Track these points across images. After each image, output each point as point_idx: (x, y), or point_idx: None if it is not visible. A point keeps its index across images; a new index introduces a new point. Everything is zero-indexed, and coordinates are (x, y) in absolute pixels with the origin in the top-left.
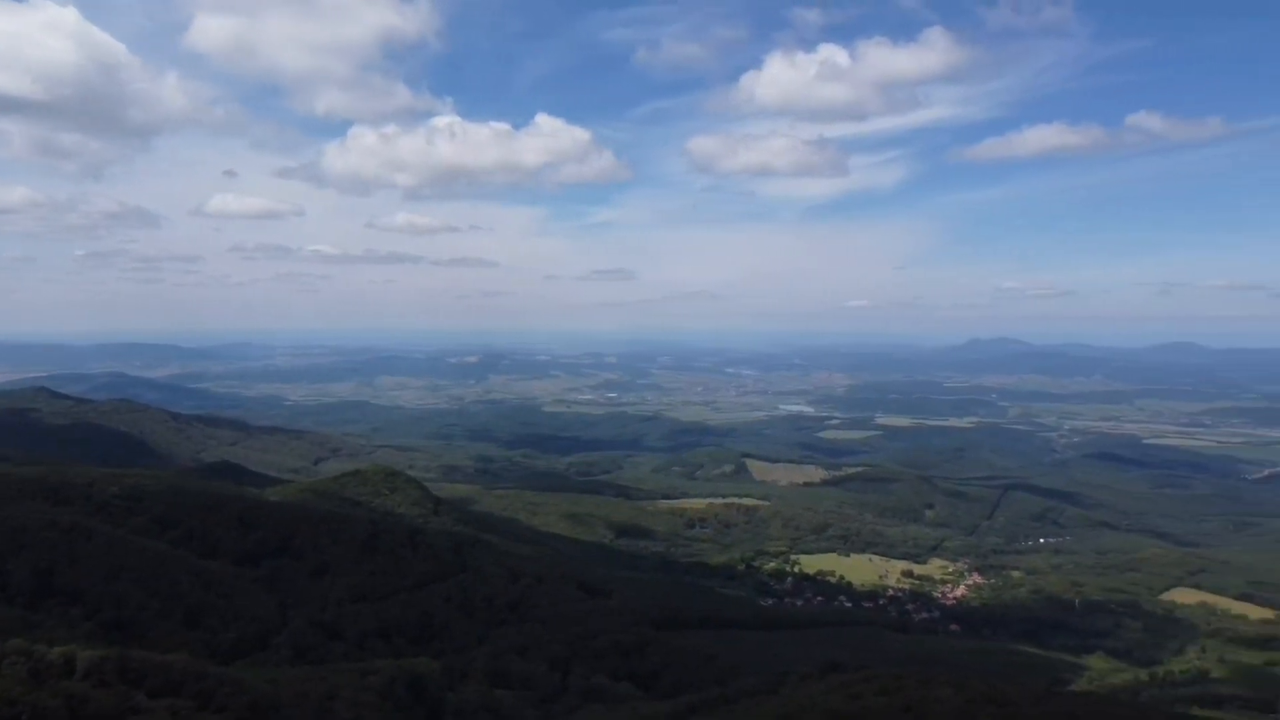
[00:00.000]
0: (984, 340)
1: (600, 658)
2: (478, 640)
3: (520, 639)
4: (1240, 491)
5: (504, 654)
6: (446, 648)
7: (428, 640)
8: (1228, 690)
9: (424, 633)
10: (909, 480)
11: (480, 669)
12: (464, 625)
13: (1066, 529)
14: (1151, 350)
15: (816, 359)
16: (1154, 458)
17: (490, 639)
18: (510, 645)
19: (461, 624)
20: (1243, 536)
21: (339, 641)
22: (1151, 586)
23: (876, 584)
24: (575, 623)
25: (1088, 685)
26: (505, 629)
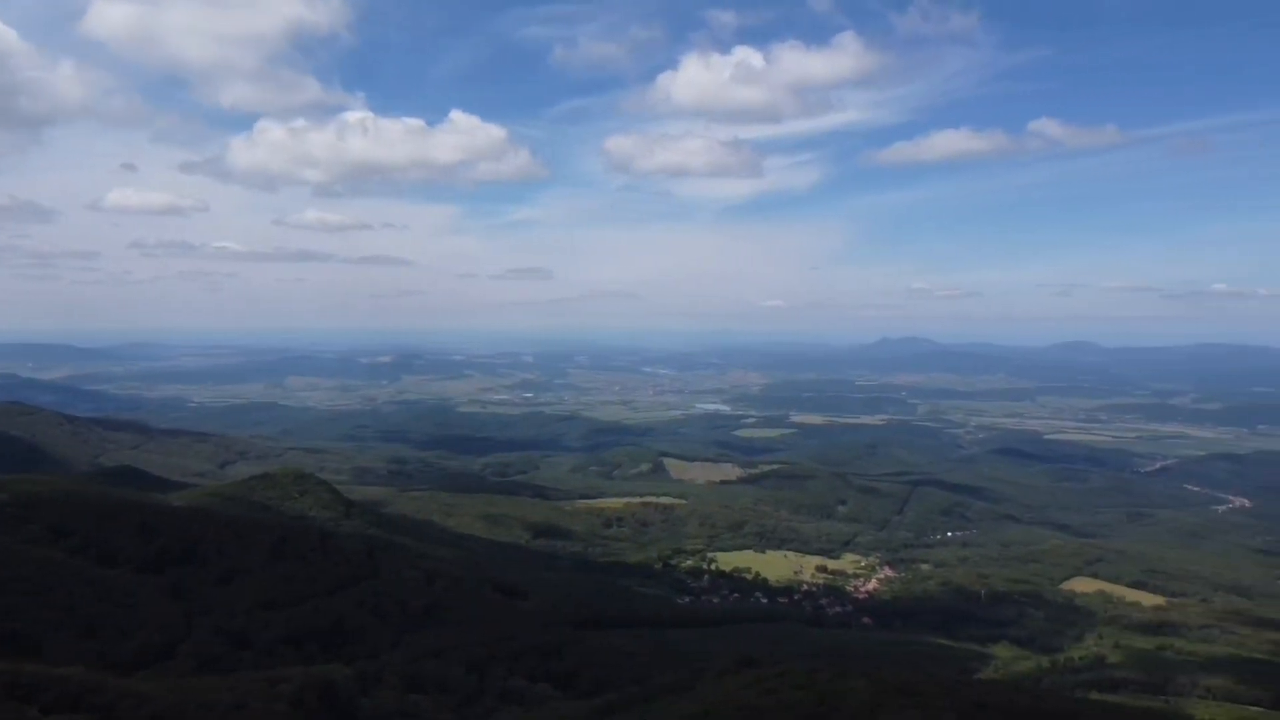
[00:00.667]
0: (894, 339)
1: (518, 659)
2: (392, 645)
3: (436, 642)
4: (1134, 484)
5: (420, 658)
6: (360, 653)
7: (340, 646)
8: (1123, 674)
9: (336, 639)
10: (823, 477)
11: (395, 674)
12: (378, 630)
13: (973, 522)
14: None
15: (733, 358)
16: (1054, 452)
17: (405, 643)
18: (426, 649)
19: (376, 629)
20: (1136, 527)
21: (247, 650)
22: (1052, 576)
23: (791, 580)
24: (492, 625)
25: (994, 674)
26: (421, 632)
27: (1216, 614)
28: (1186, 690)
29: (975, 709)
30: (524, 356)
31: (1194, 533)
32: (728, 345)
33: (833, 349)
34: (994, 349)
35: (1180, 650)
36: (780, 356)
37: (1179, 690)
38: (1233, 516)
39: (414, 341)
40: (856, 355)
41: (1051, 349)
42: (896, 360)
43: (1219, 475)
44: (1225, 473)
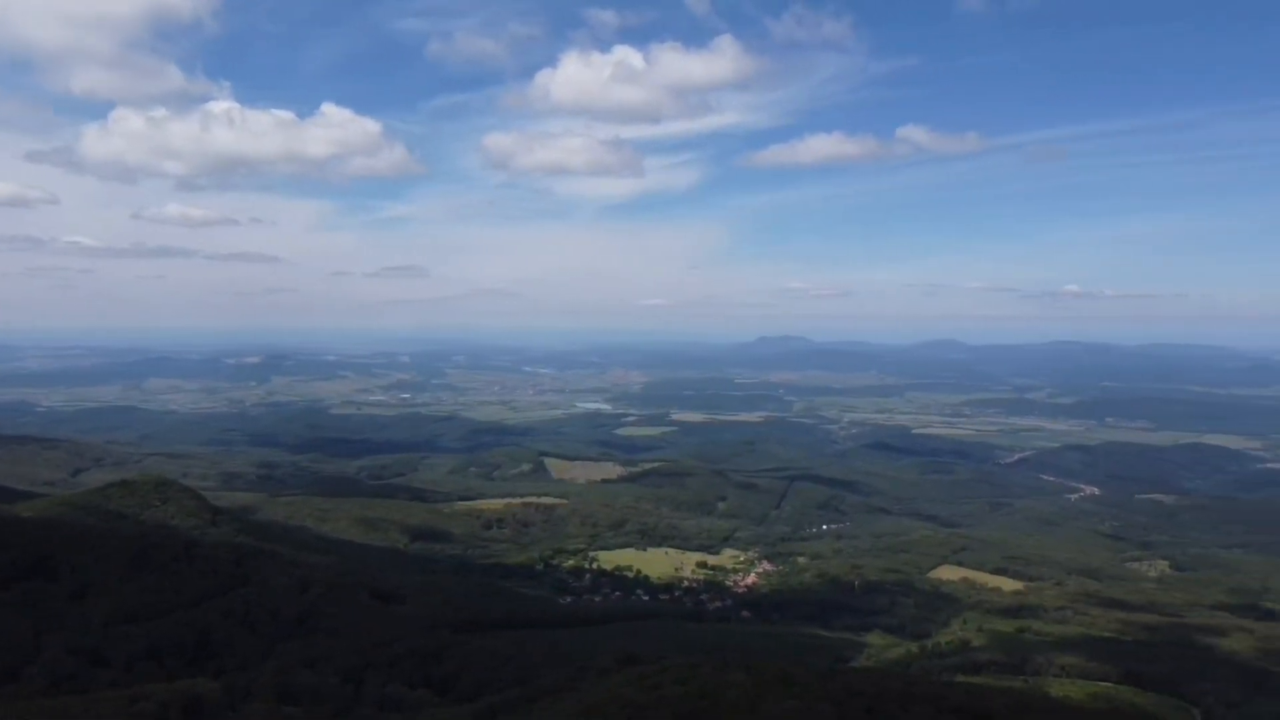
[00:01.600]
0: (772, 338)
1: (395, 665)
2: (263, 656)
3: (309, 651)
4: (995, 475)
5: (292, 668)
6: (229, 666)
7: (207, 660)
8: (986, 657)
9: (202, 652)
10: (703, 474)
11: (266, 686)
12: (247, 641)
13: (847, 515)
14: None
15: (613, 357)
16: (923, 446)
17: (277, 653)
18: (299, 658)
19: (245, 640)
20: (997, 516)
21: (104, 668)
22: (921, 566)
23: (672, 576)
24: (369, 631)
25: (867, 661)
26: (293, 642)
27: (1070, 596)
28: (1044, 669)
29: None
30: (400, 356)
31: (1049, 520)
32: (609, 344)
33: (712, 347)
34: (866, 347)
35: (1038, 632)
36: (661, 355)
37: (1037, 669)
38: (1084, 504)
39: (284, 342)
40: (736, 354)
41: (919, 346)
42: (774, 358)
43: (1071, 465)
44: (1077, 463)
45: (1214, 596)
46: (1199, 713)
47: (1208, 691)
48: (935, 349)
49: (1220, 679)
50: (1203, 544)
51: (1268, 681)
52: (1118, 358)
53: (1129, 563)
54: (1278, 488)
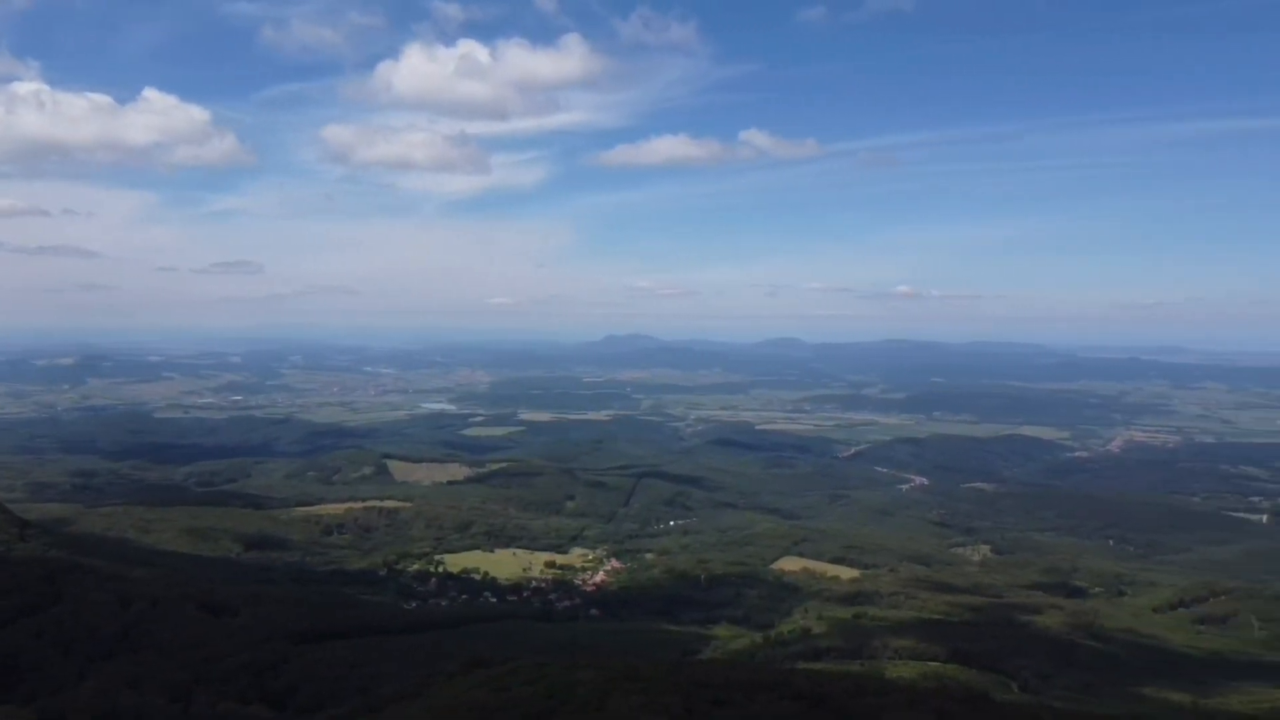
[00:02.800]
0: (619, 336)
1: (228, 681)
2: (80, 677)
3: (133, 670)
4: (833, 468)
5: (113, 689)
6: (41, 690)
7: (15, 685)
8: (826, 644)
9: (9, 678)
10: (551, 473)
11: (84, 708)
12: (62, 663)
13: (694, 511)
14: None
15: (459, 356)
16: (766, 442)
17: (96, 674)
18: (120, 678)
19: (59, 662)
20: (836, 507)
21: None
22: (765, 558)
23: (521, 577)
24: (198, 646)
25: (714, 653)
26: (115, 661)
27: (902, 582)
28: (879, 652)
29: (696, 688)
30: (231, 357)
31: (883, 510)
32: (454, 343)
33: (560, 346)
34: (711, 345)
35: (874, 617)
36: (508, 354)
37: (873, 653)
38: (914, 494)
39: (102, 342)
40: (584, 352)
41: (762, 345)
42: (622, 357)
43: (903, 458)
44: (908, 455)
45: (1030, 577)
46: (1016, 685)
47: (1024, 666)
48: (777, 347)
49: (1035, 654)
50: (1020, 528)
51: (1075, 654)
52: (944, 355)
53: (955, 548)
54: (1084, 475)
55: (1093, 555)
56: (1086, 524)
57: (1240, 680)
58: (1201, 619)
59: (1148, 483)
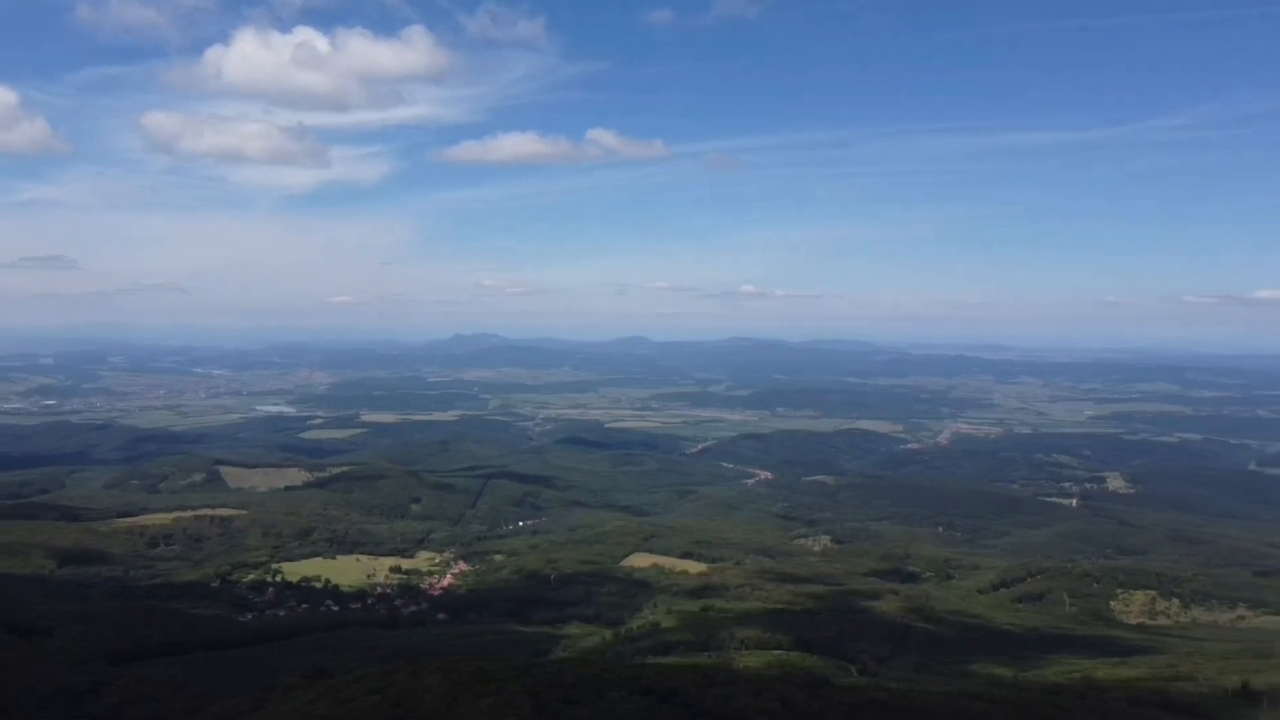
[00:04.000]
0: (466, 335)
1: (42, 708)
2: None
3: None
4: (681, 465)
5: None
6: None
7: None
8: (675, 637)
9: None
10: (396, 476)
11: None
12: None
13: (544, 510)
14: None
15: (297, 356)
16: (615, 439)
17: None
18: None
19: None
20: (684, 503)
21: None
22: (615, 555)
23: (364, 583)
24: (6, 672)
25: (565, 652)
26: None
27: (748, 574)
28: (727, 643)
29: (546, 687)
30: (42, 358)
31: (730, 505)
32: (292, 343)
33: (405, 346)
34: (560, 344)
35: (721, 609)
36: (350, 354)
37: (721, 644)
38: (759, 488)
39: None
40: (429, 351)
41: (611, 343)
42: (469, 356)
43: (748, 453)
44: (753, 450)
45: (868, 564)
46: (855, 669)
47: (863, 650)
48: (625, 345)
49: (873, 638)
50: (858, 518)
51: (909, 636)
52: (786, 353)
53: (798, 539)
54: (917, 466)
55: (924, 542)
56: (918, 512)
57: (1055, 652)
58: (1020, 597)
59: (972, 472)
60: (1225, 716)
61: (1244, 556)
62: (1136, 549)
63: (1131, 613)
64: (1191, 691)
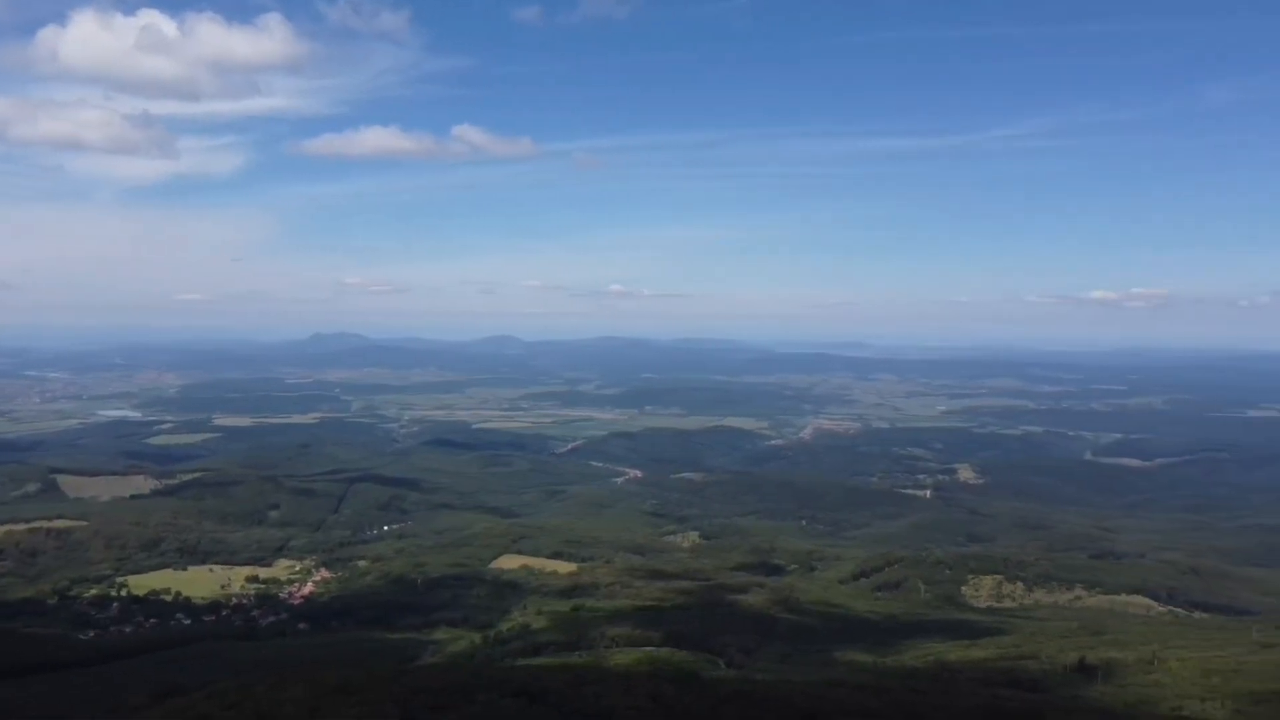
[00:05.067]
0: (327, 335)
1: None
2: None
3: None
4: (550, 464)
5: None
6: None
7: None
8: (546, 638)
9: None
10: (252, 481)
11: None
12: None
13: (410, 514)
14: (478, 343)
15: (143, 357)
16: (483, 440)
17: None
18: None
19: None
20: (554, 503)
21: None
22: (483, 557)
23: (219, 595)
24: None
25: (433, 658)
26: None
27: (618, 572)
28: (598, 642)
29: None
30: None
31: (600, 503)
32: (137, 343)
33: (261, 346)
34: (426, 343)
35: (592, 609)
36: (201, 354)
37: (592, 643)
38: (629, 486)
39: None
40: (287, 352)
41: (479, 342)
42: (329, 356)
43: (618, 451)
44: (622, 449)
45: (735, 559)
46: (724, 662)
47: (731, 643)
48: (494, 344)
49: (741, 630)
50: (725, 514)
51: (775, 627)
52: (655, 351)
53: (667, 536)
54: (781, 461)
55: (789, 535)
56: (783, 507)
57: (912, 638)
58: (879, 586)
59: (834, 466)
60: (1065, 691)
61: (1081, 540)
62: (985, 536)
63: (981, 597)
64: (1035, 669)
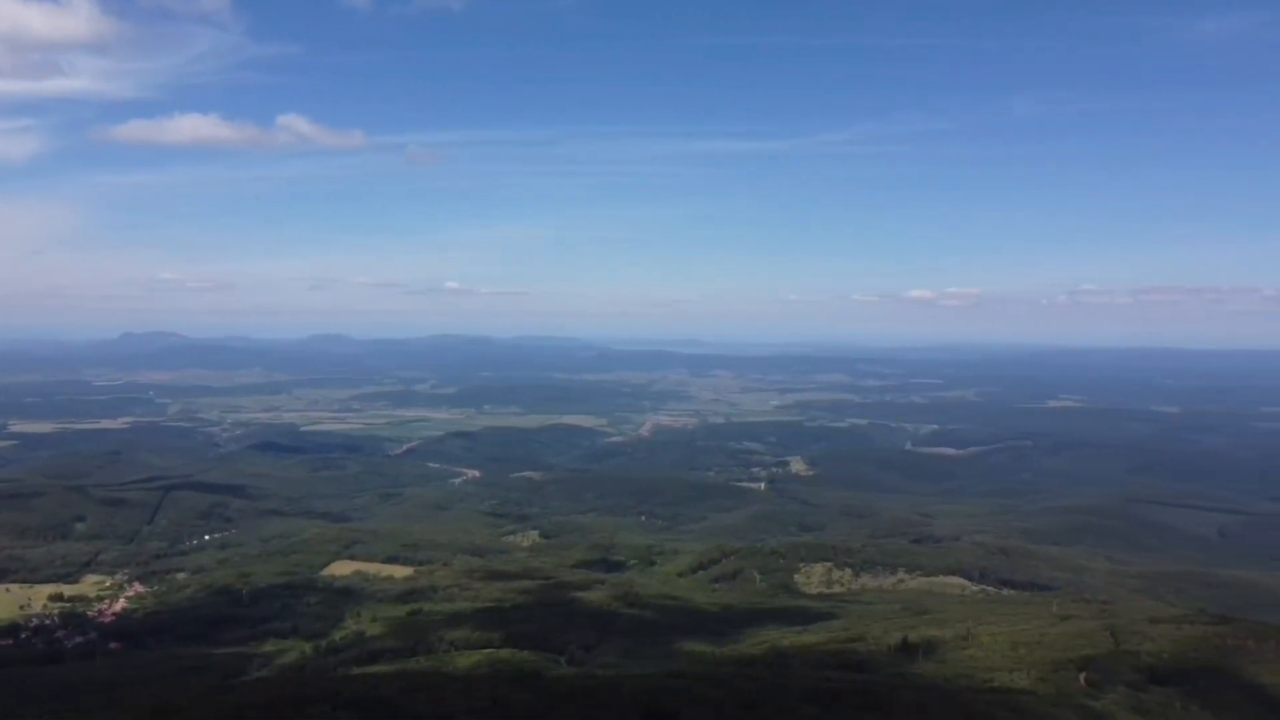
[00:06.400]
0: (138, 334)
1: None
2: None
3: None
4: (385, 467)
5: None
6: None
7: None
8: (382, 645)
9: None
10: (55, 493)
11: None
12: None
13: (235, 522)
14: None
15: None
16: (313, 443)
17: None
18: None
19: None
20: (388, 506)
21: None
22: (314, 565)
23: (17, 616)
24: None
25: (261, 672)
26: None
27: (457, 574)
28: (437, 646)
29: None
30: None
31: (437, 505)
32: None
33: (64, 345)
34: (250, 343)
35: (430, 613)
36: None
37: (430, 648)
38: (467, 487)
39: None
40: (94, 352)
41: (308, 341)
42: (142, 356)
43: (455, 451)
44: (460, 449)
45: (576, 556)
46: (564, 660)
47: (572, 640)
48: (324, 343)
49: (582, 628)
50: (565, 512)
51: (616, 623)
52: (493, 349)
53: (507, 536)
54: (620, 458)
55: (629, 531)
56: (622, 503)
57: (749, 627)
58: (717, 578)
59: (672, 461)
60: (890, 669)
61: (903, 526)
62: (816, 525)
63: (813, 584)
64: (863, 650)
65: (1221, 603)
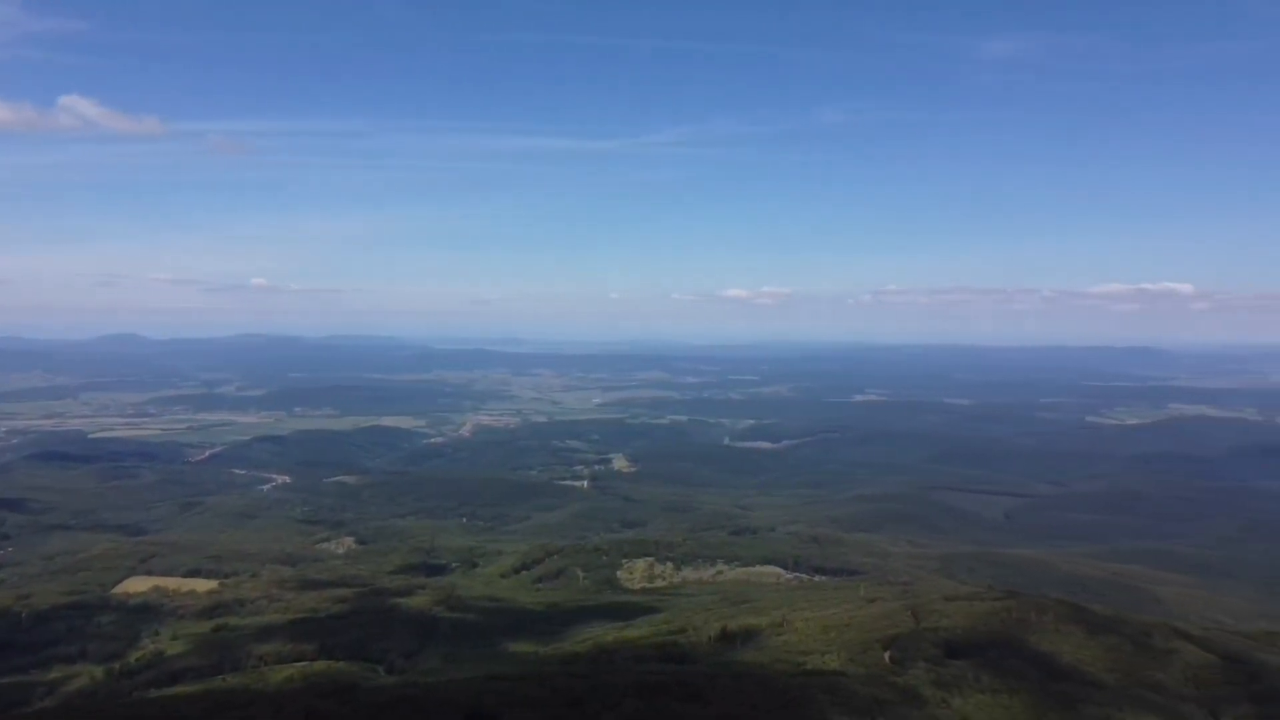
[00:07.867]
0: None
1: None
2: None
3: None
4: (185, 474)
5: None
6: None
7: None
8: (183, 664)
9: None
10: None
11: None
12: None
13: (12, 539)
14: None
15: None
16: (102, 451)
17: None
18: None
19: None
20: (189, 516)
21: None
22: (105, 582)
23: None
24: None
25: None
26: None
27: (266, 585)
28: (245, 662)
29: None
30: None
31: (243, 513)
32: None
33: None
34: (28, 343)
35: (236, 627)
36: None
37: (238, 664)
38: (277, 493)
39: None
40: None
41: (96, 341)
42: None
43: (263, 456)
44: (269, 453)
45: (395, 561)
46: (383, 669)
47: (390, 648)
48: (115, 344)
49: (401, 635)
50: (383, 516)
51: (438, 628)
52: (303, 349)
53: (321, 543)
54: (440, 459)
55: (450, 533)
56: (443, 505)
57: (574, 624)
58: (540, 577)
59: (494, 461)
60: (711, 659)
61: (722, 519)
62: (638, 521)
63: (635, 579)
64: (685, 642)
65: (1008, 579)
